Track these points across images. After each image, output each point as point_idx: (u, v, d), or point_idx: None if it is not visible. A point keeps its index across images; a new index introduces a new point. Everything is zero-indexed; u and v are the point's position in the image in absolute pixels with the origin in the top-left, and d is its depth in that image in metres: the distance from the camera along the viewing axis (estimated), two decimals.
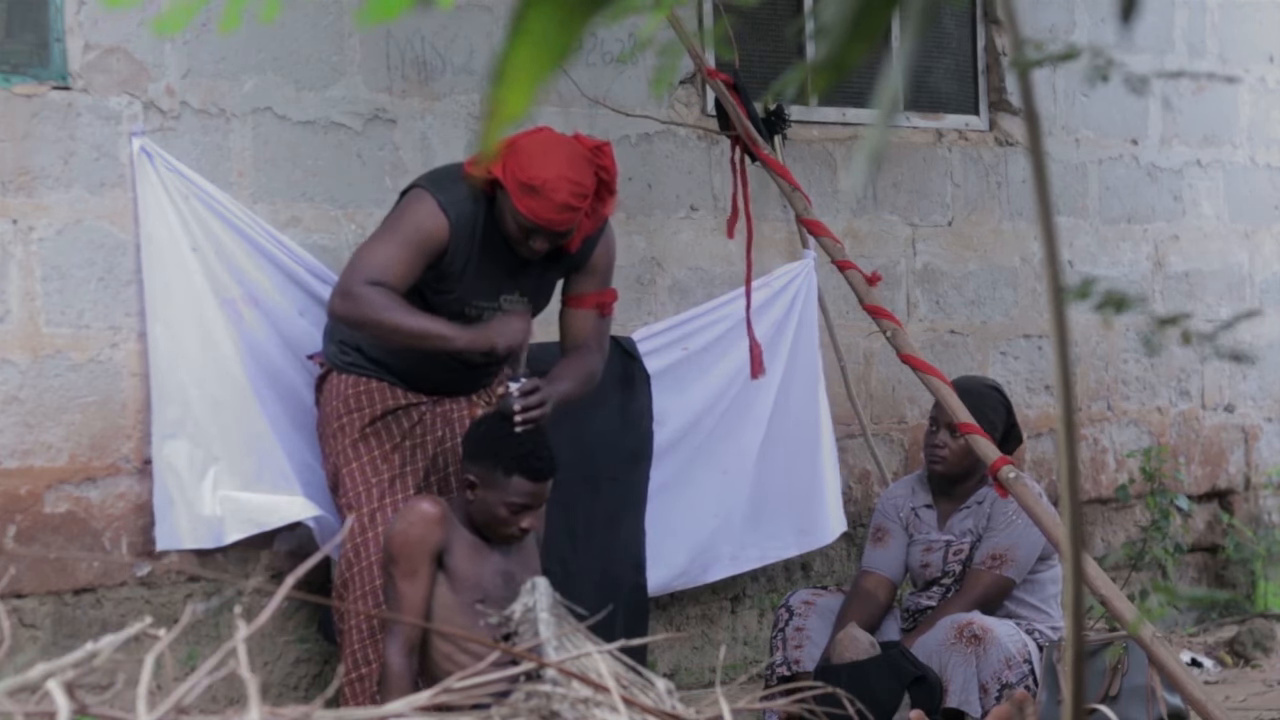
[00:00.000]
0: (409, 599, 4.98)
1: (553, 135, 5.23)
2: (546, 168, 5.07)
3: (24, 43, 5.42)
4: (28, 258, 5.37)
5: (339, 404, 5.38)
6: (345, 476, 5.35)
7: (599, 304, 5.46)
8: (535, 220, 5.10)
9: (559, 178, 5.07)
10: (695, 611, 6.71)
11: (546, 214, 5.08)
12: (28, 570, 5.37)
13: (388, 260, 5.12)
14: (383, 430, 5.34)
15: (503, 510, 5.00)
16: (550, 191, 5.06)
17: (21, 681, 2.32)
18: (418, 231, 5.15)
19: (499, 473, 4.99)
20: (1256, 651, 7.25)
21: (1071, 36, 7.71)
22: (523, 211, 5.09)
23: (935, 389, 5.66)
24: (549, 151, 5.12)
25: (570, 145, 5.18)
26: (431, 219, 5.16)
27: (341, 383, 5.39)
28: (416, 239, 5.15)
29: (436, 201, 5.17)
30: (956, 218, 7.42)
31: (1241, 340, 8.16)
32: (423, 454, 5.36)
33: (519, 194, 5.08)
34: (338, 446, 5.36)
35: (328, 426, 5.42)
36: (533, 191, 5.07)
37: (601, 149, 5.20)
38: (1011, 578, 5.77)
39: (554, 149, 5.14)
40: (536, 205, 5.07)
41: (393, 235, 5.17)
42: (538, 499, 5.04)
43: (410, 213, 5.19)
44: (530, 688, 2.99)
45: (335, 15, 5.88)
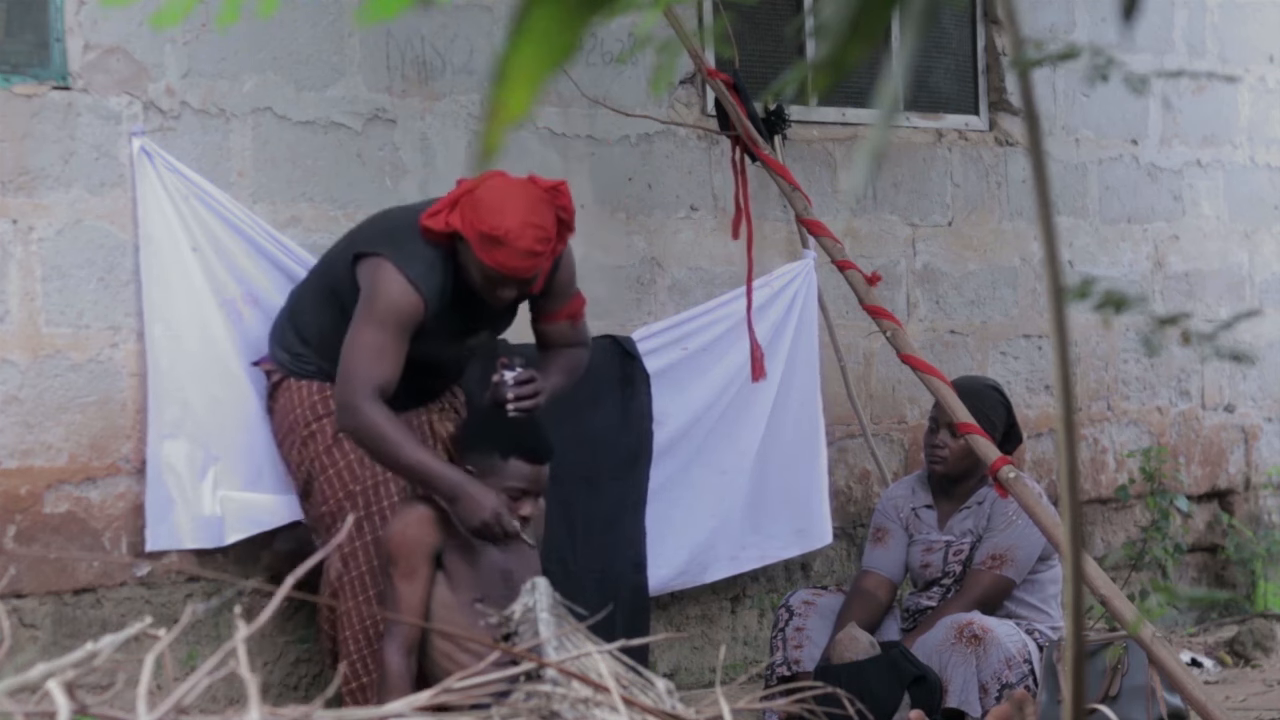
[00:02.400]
0: (408, 599, 4.98)
1: (509, 182, 5.12)
2: (508, 216, 5.00)
3: (24, 43, 5.42)
4: (28, 258, 5.37)
5: (306, 411, 5.33)
6: (323, 483, 5.30)
7: (570, 315, 5.45)
8: (502, 270, 5.03)
9: (522, 225, 5.00)
10: (695, 611, 6.71)
11: (512, 263, 5.01)
12: (28, 570, 5.37)
13: (383, 359, 5.03)
14: None
15: (502, 496, 4.99)
16: (514, 240, 4.98)
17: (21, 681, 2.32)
18: (397, 318, 5.06)
19: (496, 458, 4.99)
20: (1256, 651, 7.25)
21: (1071, 36, 7.71)
22: (488, 263, 5.01)
23: (935, 389, 5.66)
24: (508, 199, 5.04)
25: (528, 190, 5.09)
26: (406, 302, 5.06)
27: (303, 388, 5.34)
28: (397, 325, 5.05)
29: (406, 277, 5.06)
30: (956, 218, 7.42)
31: (1241, 340, 8.16)
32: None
33: (482, 246, 5.01)
34: (309, 453, 5.32)
35: (294, 434, 5.36)
36: (496, 243, 4.99)
37: (559, 189, 5.12)
38: (1011, 578, 5.77)
39: (512, 196, 5.05)
40: (502, 255, 5.00)
41: (376, 328, 5.05)
42: (536, 483, 5.04)
43: (385, 298, 5.05)
44: (530, 688, 2.99)
45: (335, 15, 5.88)
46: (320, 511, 5.33)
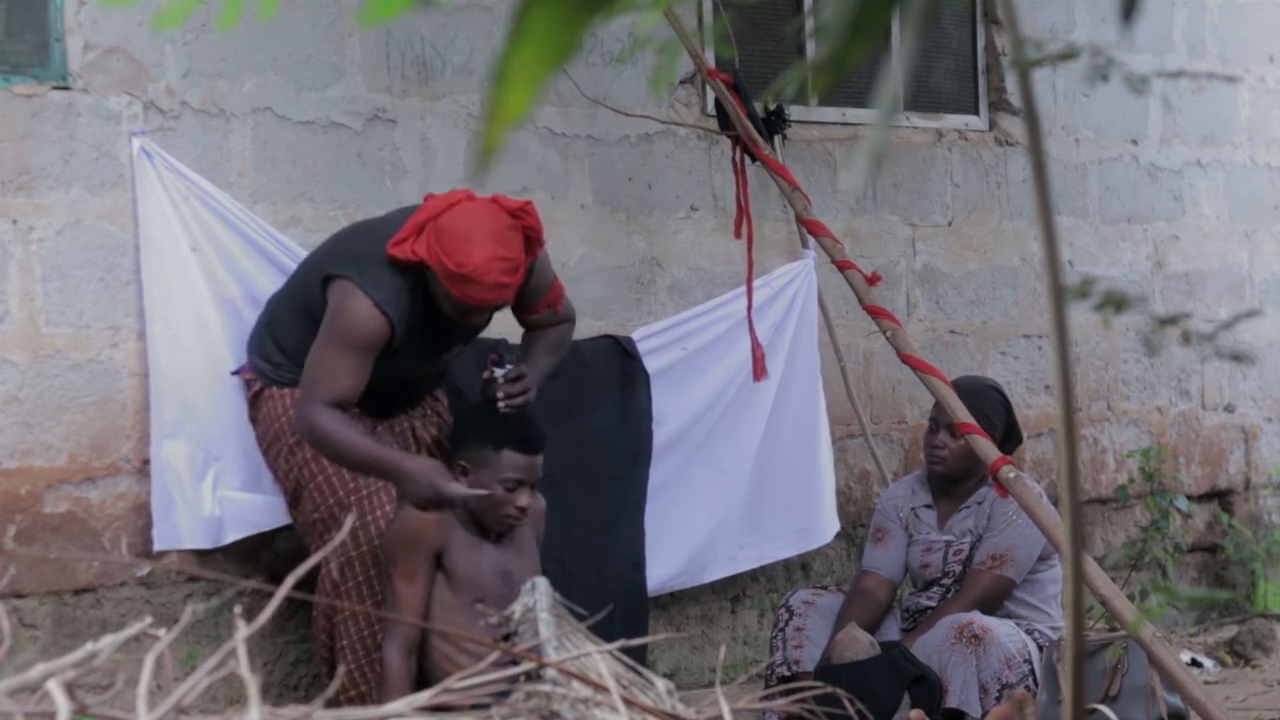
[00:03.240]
0: (408, 599, 4.98)
1: (473, 209, 5.06)
2: (473, 252, 4.96)
3: (24, 43, 5.42)
4: (28, 258, 5.37)
5: (289, 419, 5.28)
6: (312, 491, 5.29)
7: (550, 304, 5.44)
8: (471, 303, 5.03)
9: (488, 260, 4.96)
10: (695, 611, 6.71)
11: (481, 296, 5.00)
12: (28, 570, 5.37)
13: (341, 376, 5.03)
14: None
15: (498, 489, 5.01)
16: (481, 276, 4.95)
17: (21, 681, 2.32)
18: (362, 339, 5.05)
19: (489, 450, 5.02)
20: (1256, 651, 7.24)
21: (1071, 36, 7.71)
22: (457, 296, 5.00)
23: (935, 389, 5.66)
24: (473, 231, 4.99)
25: (494, 217, 5.03)
26: (372, 323, 5.05)
27: (286, 397, 5.32)
28: (361, 345, 5.05)
29: (373, 301, 5.04)
30: (956, 218, 7.42)
31: (1241, 340, 8.16)
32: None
33: (450, 282, 4.98)
34: (296, 461, 5.30)
35: (279, 442, 5.34)
36: (464, 280, 4.96)
37: (525, 209, 5.08)
38: (1011, 578, 5.77)
39: (477, 228, 5.00)
40: (470, 290, 4.98)
41: (340, 347, 5.05)
42: (530, 473, 5.06)
43: (350, 318, 5.05)
44: (530, 688, 2.99)
45: (335, 15, 5.88)
46: (312, 519, 5.30)
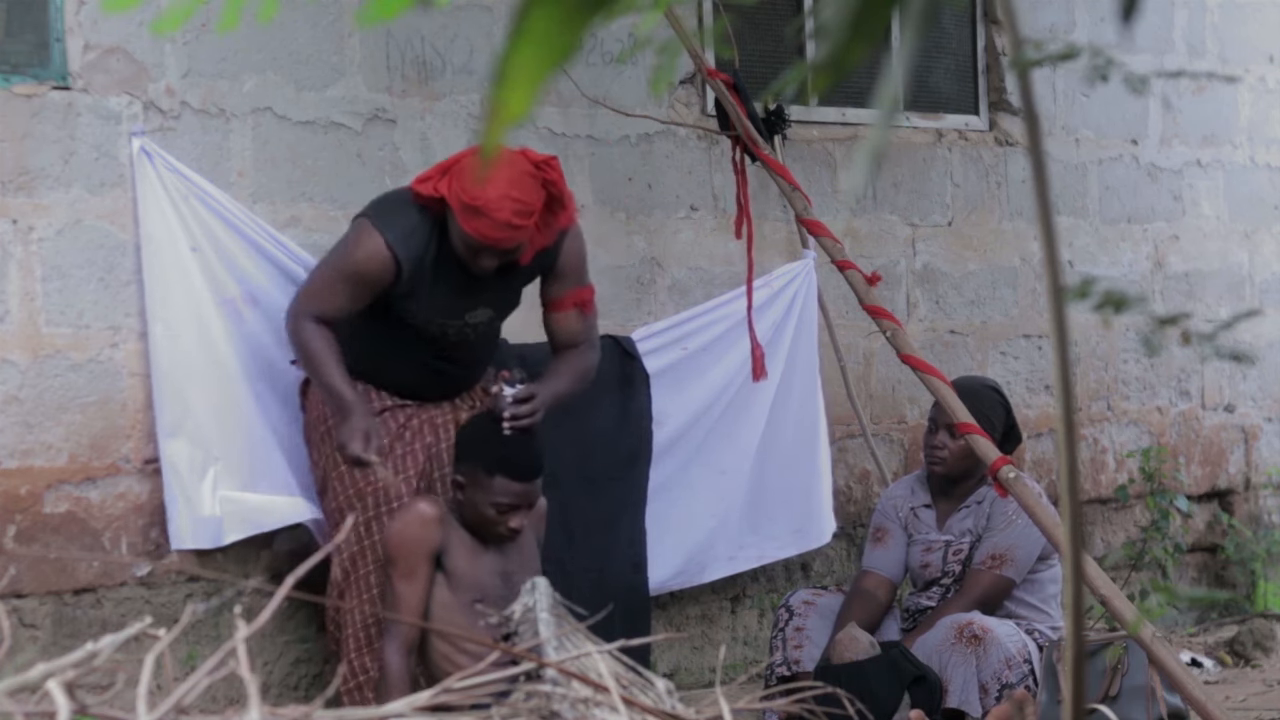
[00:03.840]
0: (407, 599, 4.99)
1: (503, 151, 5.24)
2: (489, 186, 5.11)
3: (24, 43, 5.42)
4: (28, 258, 5.37)
5: (325, 408, 5.37)
6: (334, 480, 5.34)
7: (578, 303, 5.49)
8: (480, 239, 5.14)
9: (501, 197, 5.10)
10: (695, 611, 6.71)
11: (491, 233, 5.11)
12: (28, 570, 5.37)
13: (327, 294, 5.24)
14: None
15: (489, 510, 5.02)
16: (493, 211, 5.09)
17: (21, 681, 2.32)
18: (362, 270, 5.23)
19: (482, 472, 5.02)
20: (1256, 651, 7.24)
21: (1071, 36, 7.71)
22: (468, 231, 5.13)
23: (935, 389, 5.66)
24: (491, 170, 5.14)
25: (514, 163, 5.19)
26: (376, 258, 5.22)
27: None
28: (358, 276, 5.23)
29: (382, 238, 5.22)
30: (956, 218, 7.42)
31: (1241, 340, 8.16)
32: (413, 460, 5.37)
33: (463, 214, 5.13)
34: (326, 449, 5.36)
35: (314, 431, 5.43)
36: (476, 213, 5.10)
37: (549, 163, 5.23)
38: (1011, 578, 5.77)
39: (498, 167, 5.16)
40: (480, 225, 5.11)
41: (336, 271, 5.27)
42: (524, 499, 5.06)
43: (356, 250, 5.26)
44: (530, 688, 2.99)
45: (335, 15, 5.88)
46: (330, 508, 5.38)
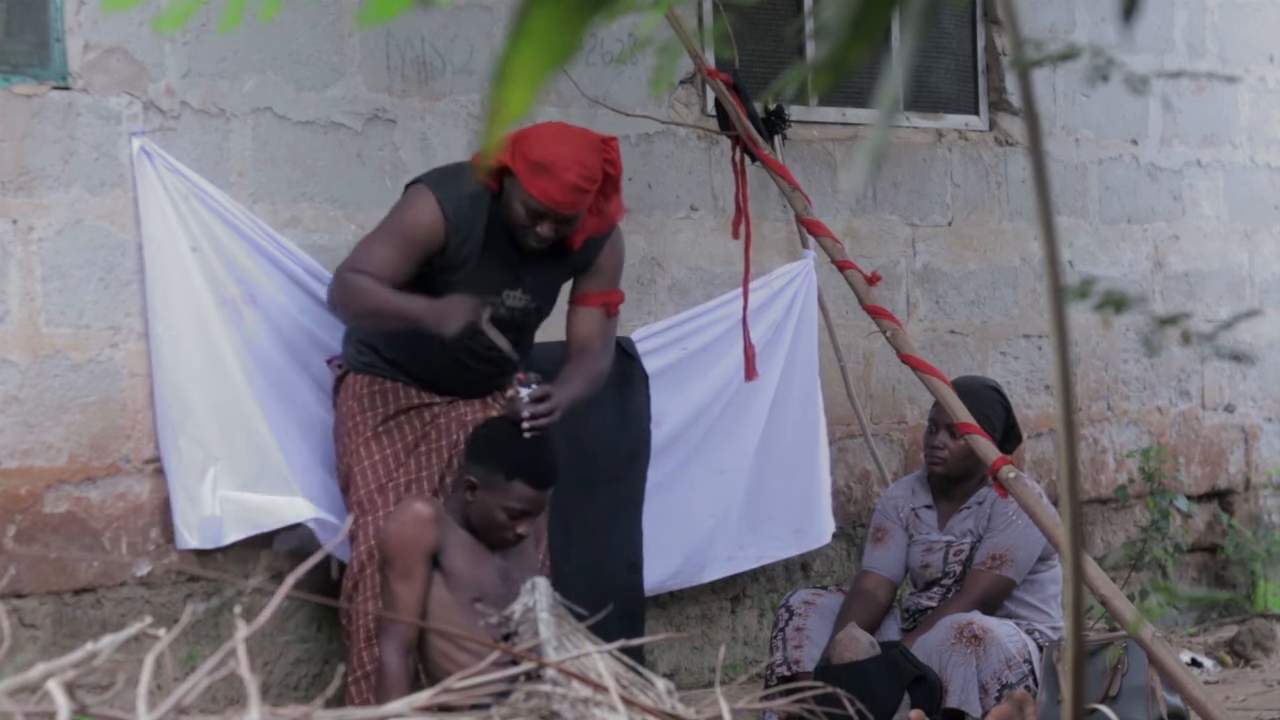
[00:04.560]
0: (404, 599, 4.99)
1: (563, 124, 5.42)
2: (557, 147, 5.18)
3: (24, 43, 5.42)
4: (28, 258, 5.37)
5: (353, 403, 5.42)
6: (357, 474, 5.38)
7: (605, 303, 5.52)
8: (544, 201, 5.16)
9: (569, 158, 5.16)
10: (695, 611, 6.71)
11: (555, 194, 5.15)
12: (28, 570, 5.37)
13: (376, 253, 5.25)
14: (395, 430, 5.37)
15: (500, 514, 5.02)
16: (560, 170, 5.14)
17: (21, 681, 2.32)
18: (412, 229, 5.26)
19: (500, 476, 5.01)
20: (1256, 651, 7.24)
21: (1071, 36, 7.71)
22: (532, 192, 5.16)
23: (935, 389, 5.66)
24: (559, 135, 5.26)
25: (581, 132, 5.33)
26: (427, 216, 5.26)
27: (357, 382, 5.44)
28: (409, 235, 5.26)
29: (436, 199, 5.26)
30: (956, 218, 7.42)
31: (1241, 340, 8.16)
32: (438, 458, 5.40)
33: (529, 174, 5.16)
34: (351, 445, 5.41)
35: (342, 425, 5.47)
36: (543, 170, 5.15)
37: (609, 143, 5.30)
38: (1011, 578, 5.77)
39: (565, 133, 5.29)
40: (546, 184, 5.15)
41: (387, 231, 5.31)
42: (536, 506, 5.07)
43: (407, 210, 5.31)
44: (530, 688, 2.99)
45: (335, 15, 5.88)
46: (350, 503, 5.41)
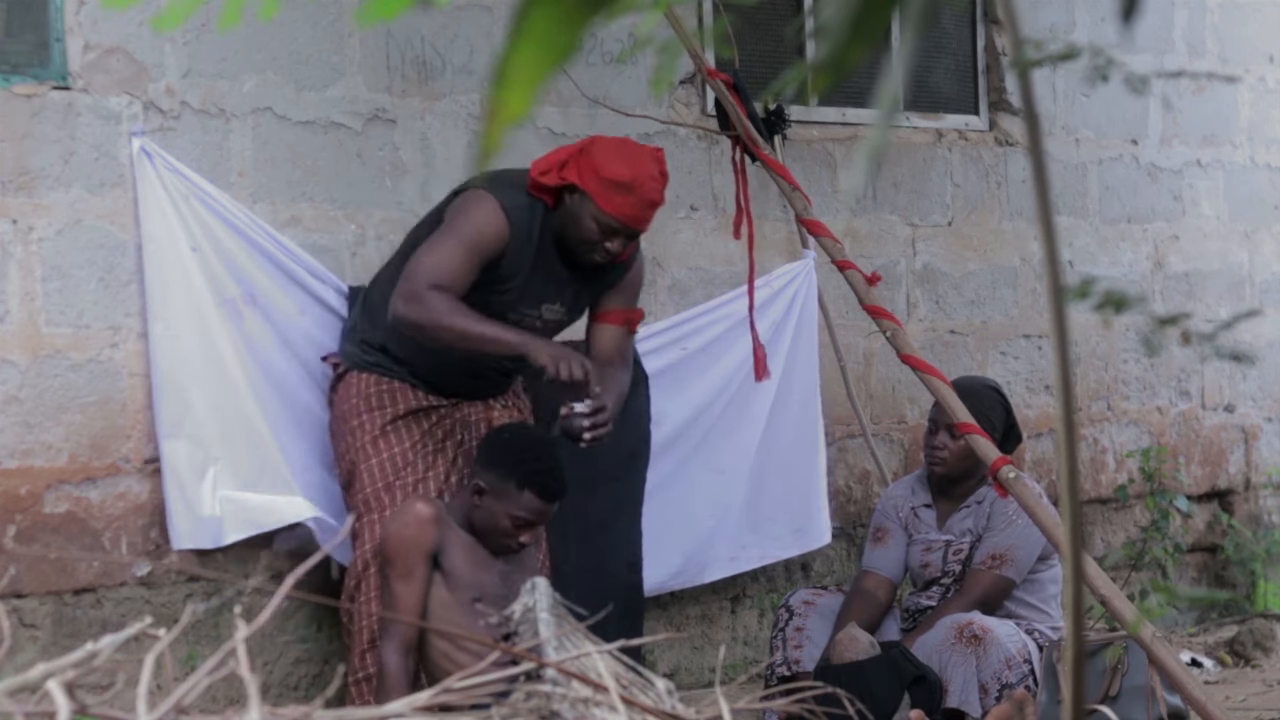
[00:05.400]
0: (404, 600, 4.99)
1: (622, 139, 5.38)
2: (635, 165, 5.18)
3: (24, 43, 5.41)
4: (28, 258, 5.37)
5: (359, 401, 5.40)
6: (363, 473, 5.36)
7: (627, 320, 5.56)
8: (621, 219, 5.18)
9: (648, 175, 5.18)
10: (695, 611, 6.71)
11: (634, 211, 5.18)
12: (28, 570, 5.37)
13: (449, 264, 5.15)
14: (403, 428, 5.37)
15: (506, 522, 5.03)
16: (639, 188, 5.16)
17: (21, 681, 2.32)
18: (479, 234, 5.19)
19: (511, 485, 5.02)
20: (1256, 651, 7.24)
21: (1071, 36, 7.71)
22: (609, 210, 5.16)
23: (935, 389, 5.66)
24: (629, 153, 5.24)
25: (641, 147, 5.32)
26: (493, 221, 5.20)
27: (362, 381, 5.42)
28: (476, 241, 5.19)
29: (499, 204, 5.21)
30: (956, 218, 7.42)
31: (1241, 340, 8.16)
32: (443, 459, 5.40)
33: (606, 192, 5.15)
34: (355, 443, 5.38)
35: (344, 424, 5.44)
36: (623, 189, 5.15)
37: (659, 154, 5.32)
38: (1011, 578, 5.77)
39: (633, 150, 5.26)
40: (625, 202, 5.16)
41: (453, 238, 5.19)
42: (542, 517, 5.09)
43: (471, 214, 5.21)
44: (530, 688, 2.99)
45: (335, 15, 5.88)
46: (355, 501, 5.38)
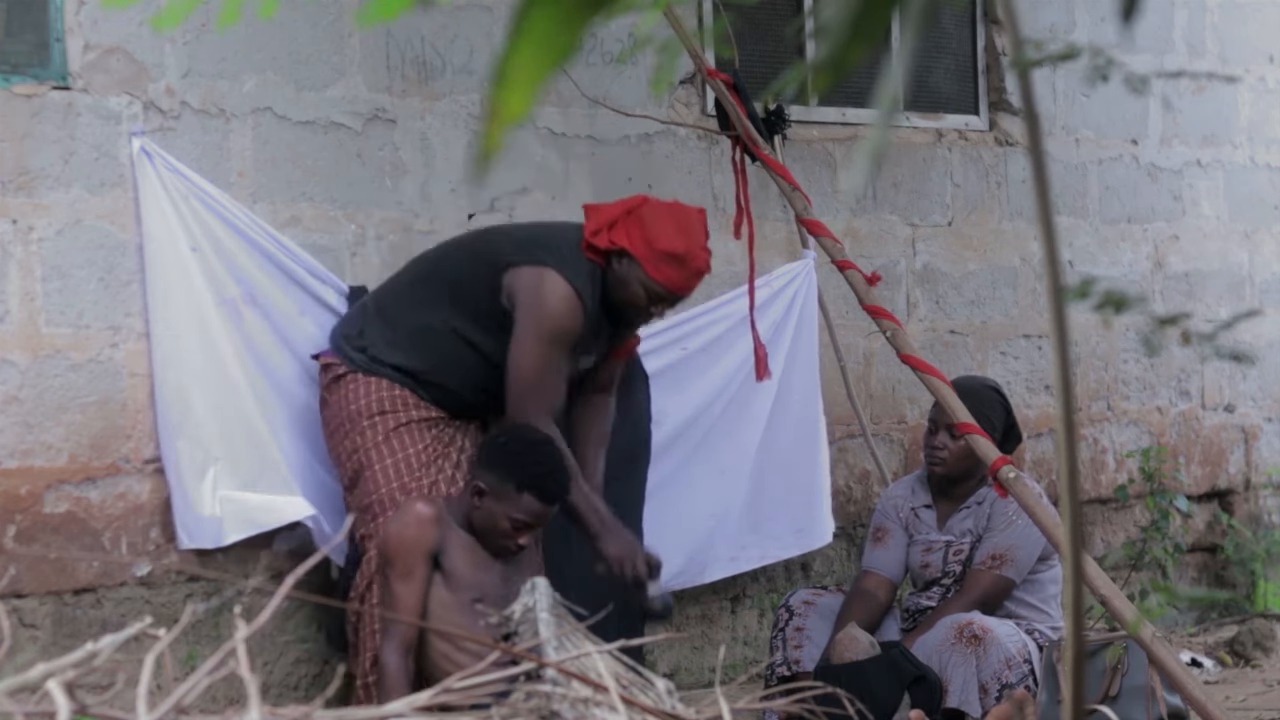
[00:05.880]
0: (405, 600, 4.99)
1: (675, 204, 5.40)
2: (687, 237, 5.25)
3: (24, 43, 5.41)
4: (28, 258, 5.37)
5: (370, 403, 5.39)
6: (376, 474, 5.35)
7: (629, 352, 5.67)
8: (671, 288, 5.26)
9: (699, 247, 5.26)
10: (695, 611, 6.71)
11: (683, 282, 5.27)
12: (28, 570, 5.37)
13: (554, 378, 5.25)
14: (415, 431, 5.38)
15: (504, 523, 5.03)
16: (690, 260, 5.23)
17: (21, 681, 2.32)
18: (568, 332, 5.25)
19: (511, 487, 5.02)
20: (1256, 651, 7.24)
21: (1071, 36, 7.71)
22: (659, 280, 5.23)
23: (935, 389, 5.66)
24: (681, 221, 5.29)
25: (689, 214, 5.34)
26: (575, 314, 5.25)
27: (373, 383, 5.41)
28: (567, 338, 5.25)
29: (575, 292, 5.24)
30: (956, 218, 7.42)
31: (1241, 340, 8.16)
32: (450, 464, 5.39)
33: (656, 263, 5.22)
34: (365, 443, 5.37)
35: (352, 424, 5.41)
36: (675, 260, 5.22)
37: (703, 215, 5.37)
38: (1011, 578, 5.77)
39: (684, 217, 5.30)
40: (675, 274, 5.23)
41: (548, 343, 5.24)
42: (541, 520, 5.09)
43: (557, 309, 5.24)
44: (530, 688, 2.99)
45: (335, 15, 5.88)
46: (366, 501, 5.35)
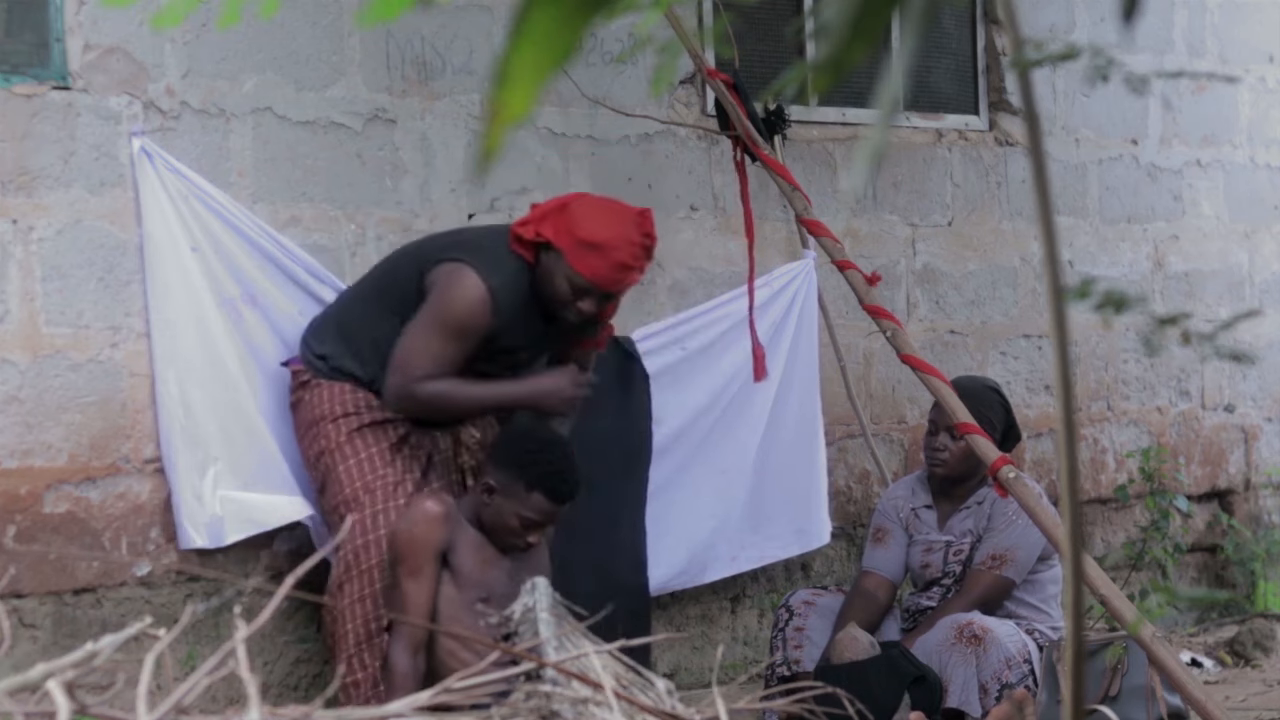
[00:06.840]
0: (414, 598, 4.99)
1: (603, 199, 5.34)
2: (608, 227, 5.16)
3: (24, 43, 5.41)
4: (28, 258, 5.37)
5: (334, 406, 5.38)
6: (340, 474, 5.34)
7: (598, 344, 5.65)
8: (592, 279, 5.16)
9: (621, 237, 5.16)
10: (695, 611, 6.71)
11: (604, 273, 5.16)
12: (28, 570, 5.37)
13: (438, 355, 5.18)
14: (378, 431, 5.36)
15: (515, 521, 5.04)
16: (612, 250, 5.14)
17: (21, 681, 2.32)
18: (464, 326, 5.19)
19: (521, 485, 5.03)
20: (1256, 651, 7.24)
21: (1071, 36, 7.71)
22: (581, 271, 5.16)
23: (935, 389, 5.66)
24: (605, 212, 5.22)
25: (622, 208, 5.27)
26: (477, 306, 5.18)
27: (335, 388, 5.40)
28: (459, 329, 5.19)
29: (483, 284, 5.18)
30: (956, 218, 7.42)
31: (1241, 340, 8.16)
32: (418, 464, 5.39)
33: (577, 252, 5.14)
34: (329, 445, 5.37)
35: (317, 428, 5.42)
36: (594, 249, 5.13)
37: (646, 215, 5.27)
38: (1011, 578, 5.77)
39: (609, 210, 5.23)
40: (596, 263, 5.14)
41: (437, 327, 5.20)
42: (550, 518, 5.10)
43: (454, 298, 5.19)
44: (530, 687, 2.99)
45: (335, 15, 5.88)
46: (334, 503, 5.36)
